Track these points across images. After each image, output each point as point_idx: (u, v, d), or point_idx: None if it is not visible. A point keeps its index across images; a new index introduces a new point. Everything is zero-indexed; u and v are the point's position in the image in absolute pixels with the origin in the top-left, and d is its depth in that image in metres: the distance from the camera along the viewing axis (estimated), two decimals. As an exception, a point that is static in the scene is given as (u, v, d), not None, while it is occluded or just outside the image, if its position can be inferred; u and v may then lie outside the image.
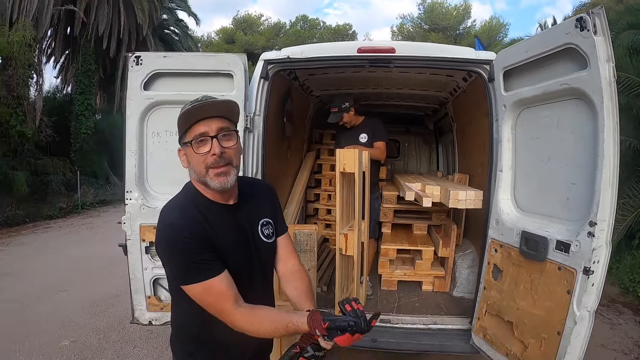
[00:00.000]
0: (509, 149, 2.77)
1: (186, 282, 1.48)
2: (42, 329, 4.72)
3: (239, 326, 1.47)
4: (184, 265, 1.48)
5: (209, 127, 1.50)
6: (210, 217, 1.55)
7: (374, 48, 3.26)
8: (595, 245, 2.09)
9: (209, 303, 1.49)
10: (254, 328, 1.47)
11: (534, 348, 2.43)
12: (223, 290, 1.48)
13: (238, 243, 1.60)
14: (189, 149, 1.53)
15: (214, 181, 1.51)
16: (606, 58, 2.02)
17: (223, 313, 1.48)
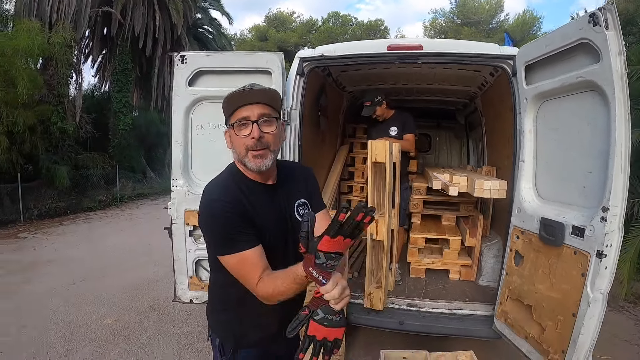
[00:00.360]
0: (530, 140, 2.91)
1: (223, 253, 1.60)
2: (87, 309, 5.04)
3: (262, 293, 1.56)
4: (223, 237, 1.60)
5: (251, 112, 1.62)
6: (250, 195, 1.67)
7: (403, 45, 3.46)
8: (607, 230, 2.21)
9: (242, 275, 1.61)
10: (272, 291, 1.54)
11: (551, 330, 2.57)
12: (255, 262, 1.58)
13: (275, 220, 1.74)
14: (232, 130, 1.66)
15: (251, 162, 1.64)
16: (617, 51, 2.14)
17: (251, 283, 1.58)
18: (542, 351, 2.63)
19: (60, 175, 12.08)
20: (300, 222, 1.58)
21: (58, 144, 13.38)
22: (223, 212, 1.59)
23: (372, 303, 3.42)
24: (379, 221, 3.28)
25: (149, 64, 18.91)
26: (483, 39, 28.62)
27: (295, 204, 1.83)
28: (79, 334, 4.38)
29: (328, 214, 1.96)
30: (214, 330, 1.91)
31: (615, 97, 2.17)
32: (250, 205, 1.65)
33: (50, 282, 6.00)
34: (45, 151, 12.39)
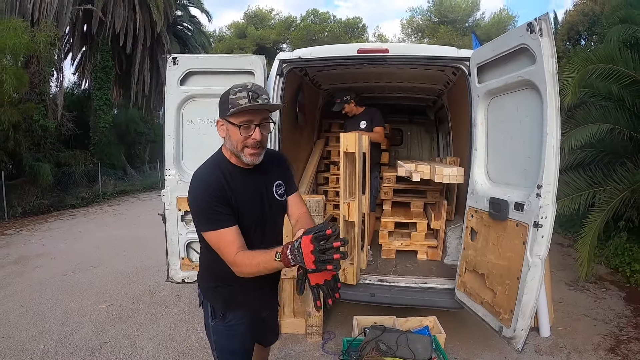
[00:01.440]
0: (482, 131, 3.36)
1: (205, 230, 1.88)
2: (81, 296, 5.27)
3: (237, 268, 1.83)
4: (205, 216, 1.87)
5: (255, 117, 1.88)
6: (231, 178, 1.94)
7: (371, 49, 3.91)
8: (542, 204, 2.64)
9: (220, 249, 1.86)
10: (247, 268, 1.81)
11: (501, 293, 3.01)
12: (232, 240, 1.84)
13: (254, 200, 2.02)
14: (232, 126, 1.88)
15: (247, 158, 1.92)
16: (550, 55, 2.56)
17: (228, 257, 1.84)
18: (494, 313, 3.06)
19: (44, 173, 12.18)
20: (278, 200, 2.10)
21: (40, 142, 13.47)
22: (206, 195, 1.87)
23: (347, 278, 3.82)
24: (350, 204, 3.68)
25: (128, 61, 19.03)
26: (459, 37, 29.20)
27: (274, 184, 2.14)
28: (76, 318, 4.62)
29: (300, 196, 2.32)
30: (205, 297, 2.19)
31: (547, 93, 2.59)
32: (230, 189, 1.92)
33: (42, 274, 6.19)
34: (28, 149, 12.48)
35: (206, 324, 2.23)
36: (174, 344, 4.05)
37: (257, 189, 2.07)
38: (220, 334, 2.19)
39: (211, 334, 2.21)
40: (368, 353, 2.93)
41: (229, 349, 2.22)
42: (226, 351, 2.23)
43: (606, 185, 5.69)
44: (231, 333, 2.18)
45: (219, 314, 2.14)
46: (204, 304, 2.20)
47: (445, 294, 3.81)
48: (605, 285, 5.78)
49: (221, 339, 2.20)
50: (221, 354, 2.24)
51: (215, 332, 2.19)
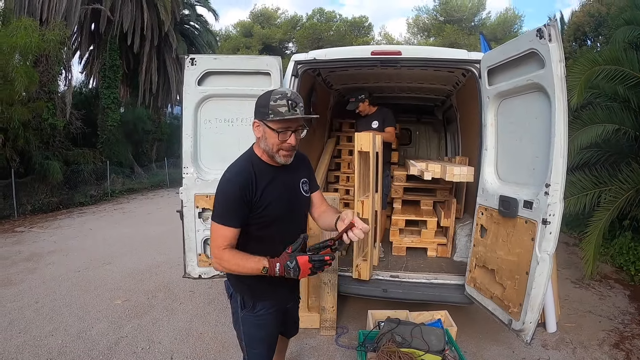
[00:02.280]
0: (492, 132, 3.47)
1: (214, 218, 2.08)
2: (95, 292, 5.36)
3: (224, 259, 2.05)
4: (222, 207, 2.08)
5: (292, 124, 2.07)
6: (260, 175, 2.12)
7: (384, 51, 4.01)
8: (550, 202, 2.76)
9: (214, 237, 2.07)
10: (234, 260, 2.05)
11: (510, 288, 3.12)
12: (229, 237, 2.06)
13: (282, 195, 2.19)
14: (270, 130, 2.05)
15: (281, 158, 2.12)
16: (558, 59, 2.68)
17: (216, 246, 2.06)
18: (504, 307, 3.18)
19: (54, 171, 12.26)
20: (304, 195, 2.34)
21: (49, 140, 13.53)
22: (231, 191, 2.06)
23: (360, 274, 3.94)
24: (364, 202, 3.79)
25: (136, 60, 19.11)
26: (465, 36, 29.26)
27: (300, 181, 2.35)
28: (92, 313, 4.72)
29: (321, 193, 2.54)
30: (234, 289, 2.33)
31: (555, 96, 2.70)
32: (257, 186, 2.10)
33: (55, 270, 6.29)
34: (37, 147, 12.54)
35: (235, 315, 2.37)
36: (190, 338, 4.16)
37: (286, 185, 2.24)
38: (249, 323, 2.33)
39: (240, 324, 2.34)
40: (384, 344, 3.05)
41: (257, 337, 2.37)
42: (255, 339, 2.38)
43: (611, 185, 5.78)
44: (260, 322, 2.33)
45: (249, 305, 2.30)
46: (233, 295, 2.35)
47: (455, 290, 3.93)
48: (610, 284, 5.88)
49: (250, 329, 2.35)
50: (250, 343, 2.38)
51: (244, 322, 2.33)
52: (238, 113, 3.79)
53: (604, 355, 3.96)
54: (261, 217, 2.12)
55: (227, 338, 4.14)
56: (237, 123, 3.80)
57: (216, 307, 4.88)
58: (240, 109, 3.77)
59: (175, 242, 5.34)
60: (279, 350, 2.81)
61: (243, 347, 2.43)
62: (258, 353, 2.41)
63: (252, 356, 2.42)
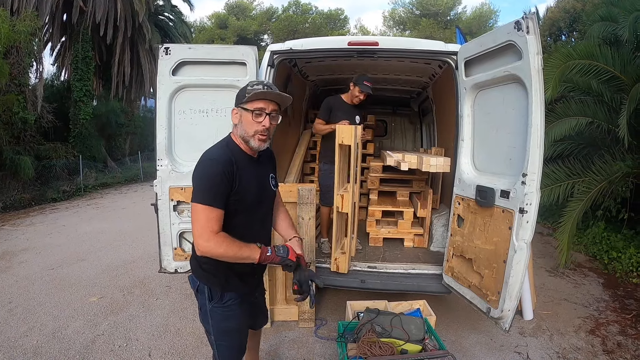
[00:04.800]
0: (468, 122, 3.49)
1: (199, 200, 2.00)
2: (70, 290, 5.23)
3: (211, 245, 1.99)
4: (206, 188, 2.01)
5: (266, 106, 2.12)
6: (238, 163, 2.11)
7: (362, 42, 3.99)
8: (527, 191, 2.78)
9: (202, 222, 1.99)
10: (223, 250, 2.01)
11: (488, 276, 3.15)
12: (219, 220, 2.03)
13: (256, 185, 2.23)
14: (245, 112, 2.12)
15: (255, 143, 2.14)
16: (535, 52, 2.70)
17: (206, 231, 1.99)
18: (482, 295, 3.21)
19: (25, 166, 11.97)
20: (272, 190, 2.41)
21: (20, 135, 13.21)
22: (215, 171, 2.03)
23: (338, 267, 3.93)
24: (344, 196, 3.77)
25: (109, 52, 18.74)
26: (441, 30, 29.47)
27: (269, 176, 2.40)
28: (67, 312, 4.60)
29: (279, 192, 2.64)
30: (202, 281, 2.29)
31: (532, 87, 2.72)
32: (238, 169, 2.10)
33: (28, 269, 6.12)
34: (8, 142, 12.25)
35: (202, 309, 2.33)
36: (168, 334, 4.11)
37: (259, 177, 2.29)
38: (218, 316, 2.30)
39: (209, 318, 2.31)
40: (365, 335, 3.04)
41: (226, 329, 2.35)
42: (224, 332, 2.35)
43: (585, 176, 5.88)
44: (229, 314, 2.31)
45: (217, 296, 2.27)
46: (200, 289, 2.30)
47: (433, 279, 3.96)
48: (584, 272, 6.01)
49: (220, 322, 2.32)
50: (219, 336, 2.35)
51: (213, 315, 2.30)
52: (213, 104, 3.73)
53: (581, 342, 4.04)
54: (233, 204, 2.10)
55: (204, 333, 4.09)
56: (212, 114, 3.74)
57: (193, 301, 4.73)
58: (216, 99, 3.72)
59: (151, 236, 5.25)
60: (251, 347, 2.83)
61: (212, 342, 2.39)
62: (227, 346, 2.39)
63: (221, 350, 2.39)
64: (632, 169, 5.58)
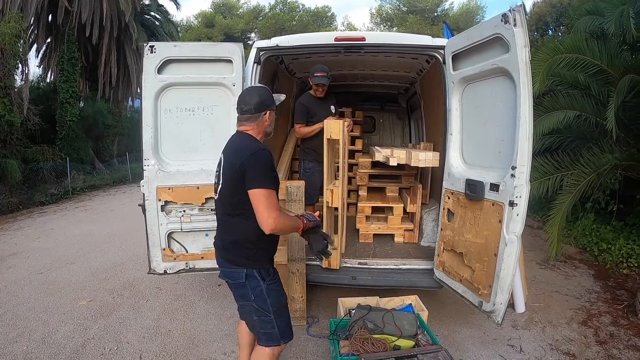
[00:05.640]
0: (457, 116, 3.49)
1: (263, 185, 2.27)
2: (59, 294, 5.15)
3: (276, 223, 2.26)
4: (267, 174, 2.32)
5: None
6: None
7: (348, 37, 3.97)
8: (516, 184, 2.78)
9: (266, 205, 2.25)
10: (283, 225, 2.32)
11: (479, 270, 3.14)
12: (276, 200, 2.36)
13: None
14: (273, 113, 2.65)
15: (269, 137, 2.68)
16: (523, 44, 2.69)
17: (274, 213, 2.25)
18: (473, 289, 3.21)
19: (12, 170, 11.77)
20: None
21: (6, 138, 12.92)
22: (270, 158, 2.39)
23: (329, 263, 3.91)
24: (333, 190, 3.75)
25: (95, 52, 18.49)
26: (428, 26, 29.49)
27: None
28: (56, 316, 4.53)
29: None
30: (249, 267, 2.47)
31: (520, 80, 2.72)
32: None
33: (17, 273, 6.02)
34: (-7, 146, 12.05)
35: (256, 293, 2.49)
36: (159, 336, 4.06)
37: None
38: (275, 292, 2.55)
39: (266, 297, 2.49)
40: (357, 332, 3.02)
41: (282, 304, 2.61)
42: (282, 307, 2.60)
43: (573, 169, 5.88)
44: (279, 288, 2.62)
45: (267, 273, 2.54)
46: (249, 274, 2.48)
47: (424, 274, 3.95)
48: (575, 264, 6.06)
49: (277, 297, 2.56)
50: (279, 313, 2.55)
51: (270, 294, 2.51)
52: (200, 102, 3.69)
53: (573, 333, 4.06)
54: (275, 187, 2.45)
55: (196, 333, 4.07)
56: (198, 112, 3.70)
57: (184, 302, 4.79)
58: (202, 97, 3.69)
59: (140, 238, 5.20)
60: (249, 343, 2.90)
61: (270, 321, 2.52)
62: (285, 319, 2.60)
63: (281, 325, 2.57)
64: (620, 161, 5.60)
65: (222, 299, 4.83)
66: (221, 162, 2.53)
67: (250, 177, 2.28)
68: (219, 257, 2.59)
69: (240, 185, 2.32)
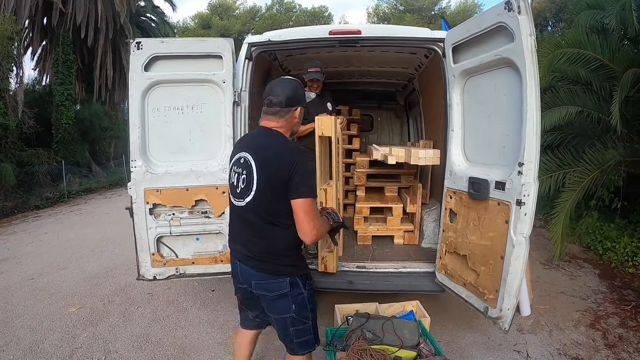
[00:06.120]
0: (458, 111, 3.30)
1: (311, 195, 2.16)
2: (49, 300, 5.02)
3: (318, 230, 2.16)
4: (313, 181, 2.23)
5: None
6: None
7: (343, 30, 3.79)
8: (524, 181, 2.60)
9: (312, 215, 2.14)
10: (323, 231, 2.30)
11: (485, 274, 2.96)
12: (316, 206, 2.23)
13: None
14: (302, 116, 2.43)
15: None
16: (528, 33, 2.52)
17: (317, 223, 2.16)
18: (478, 294, 3.02)
19: (6, 174, 11.67)
20: None
21: (1, 142, 12.83)
22: (311, 164, 2.33)
23: (326, 267, 3.73)
24: (327, 190, 3.58)
25: (90, 54, 18.37)
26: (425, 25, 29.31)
27: None
28: (45, 324, 4.41)
29: None
30: (292, 275, 2.33)
31: (526, 70, 2.53)
32: None
33: (8, 279, 5.90)
34: (-13, 150, 11.93)
35: (298, 302, 2.36)
36: (149, 345, 3.92)
37: None
38: (312, 297, 2.46)
39: (307, 304, 2.40)
40: (354, 342, 2.85)
41: (315, 307, 2.52)
42: (314, 310, 2.50)
43: (576, 166, 5.77)
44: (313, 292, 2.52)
45: (307, 279, 2.44)
46: (293, 282, 2.33)
47: (425, 278, 3.76)
48: (579, 263, 5.92)
49: (314, 303, 2.47)
50: (314, 317, 2.49)
51: (310, 299, 2.42)
52: (188, 100, 3.53)
53: (581, 336, 3.92)
54: None
55: (188, 342, 3.92)
56: (187, 111, 3.54)
57: (175, 308, 4.65)
58: (191, 95, 3.53)
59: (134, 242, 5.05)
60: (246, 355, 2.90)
61: (307, 329, 2.44)
62: (315, 325, 2.52)
63: (315, 329, 2.51)
64: (624, 157, 5.49)
65: (215, 305, 4.69)
66: (248, 162, 2.26)
67: (299, 185, 2.12)
68: (250, 269, 2.35)
69: (283, 192, 2.15)
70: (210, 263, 3.70)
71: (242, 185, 2.27)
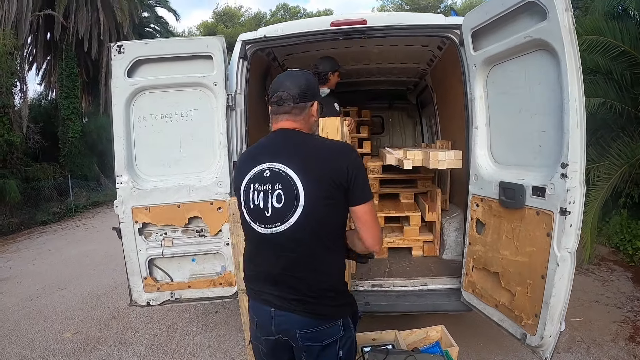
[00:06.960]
0: (482, 106, 2.88)
1: (372, 197, 1.78)
2: (45, 324, 4.80)
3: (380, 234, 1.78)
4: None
5: None
6: None
7: (347, 21, 3.34)
8: (569, 186, 2.17)
9: (374, 217, 1.76)
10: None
11: (521, 295, 2.54)
12: None
13: None
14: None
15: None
16: (564, 8, 2.11)
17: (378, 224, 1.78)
18: (514, 318, 2.60)
19: (11, 190, 11.52)
20: None
21: (6, 158, 12.74)
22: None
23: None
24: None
25: (95, 67, 18.22)
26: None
27: None
28: (38, 351, 4.17)
29: None
30: (345, 317, 1.82)
31: (565, 51, 2.14)
32: None
33: (6, 300, 5.71)
34: (-7, 166, 11.83)
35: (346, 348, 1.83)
36: (143, 376, 3.58)
37: None
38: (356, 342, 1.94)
39: (353, 348, 1.88)
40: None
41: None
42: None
43: (601, 161, 5.44)
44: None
45: (355, 320, 1.93)
46: (346, 324, 1.82)
47: (449, 296, 3.35)
48: (610, 266, 5.64)
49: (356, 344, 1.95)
50: None
51: (354, 344, 1.91)
52: (176, 106, 3.17)
53: (621, 352, 3.57)
54: None
55: (187, 373, 3.56)
56: (176, 118, 3.17)
57: (175, 334, 4.33)
58: (179, 101, 3.17)
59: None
60: None
61: None
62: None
63: None
64: (655, 151, 5.10)
65: (217, 330, 4.35)
66: (282, 174, 1.73)
67: (361, 187, 1.71)
68: (291, 315, 1.76)
69: (340, 201, 1.71)
70: (208, 286, 3.32)
71: (276, 205, 1.72)
